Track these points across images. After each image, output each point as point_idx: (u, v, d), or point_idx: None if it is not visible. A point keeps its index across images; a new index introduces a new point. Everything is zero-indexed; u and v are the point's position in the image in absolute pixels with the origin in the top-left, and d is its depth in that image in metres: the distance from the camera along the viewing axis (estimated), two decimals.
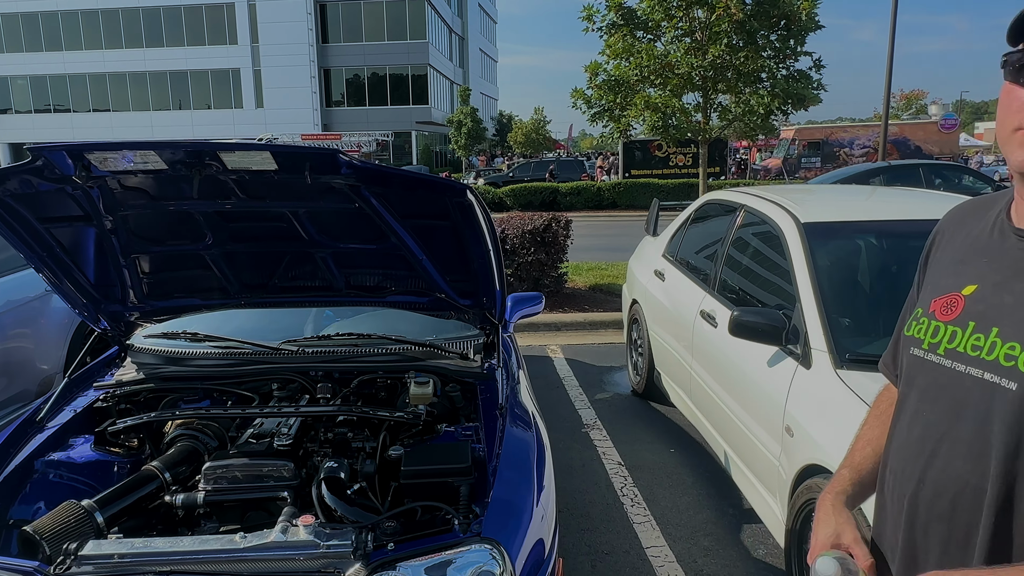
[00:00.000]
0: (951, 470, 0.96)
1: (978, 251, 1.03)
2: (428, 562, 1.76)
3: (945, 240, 1.13)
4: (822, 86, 9.19)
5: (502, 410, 2.40)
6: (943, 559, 0.97)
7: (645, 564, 2.96)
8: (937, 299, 1.04)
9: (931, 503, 0.98)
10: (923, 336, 1.04)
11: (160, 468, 2.15)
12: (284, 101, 40.67)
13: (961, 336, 0.98)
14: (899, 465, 1.05)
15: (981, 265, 1.01)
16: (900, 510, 1.03)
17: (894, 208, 3.75)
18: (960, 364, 0.97)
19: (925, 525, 0.99)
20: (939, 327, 1.01)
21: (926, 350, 1.03)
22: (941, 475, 0.97)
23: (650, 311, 4.69)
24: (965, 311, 0.99)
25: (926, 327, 1.04)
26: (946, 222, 1.16)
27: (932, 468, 0.98)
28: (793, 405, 2.65)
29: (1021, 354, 0.89)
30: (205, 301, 2.75)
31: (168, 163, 1.89)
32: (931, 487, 0.98)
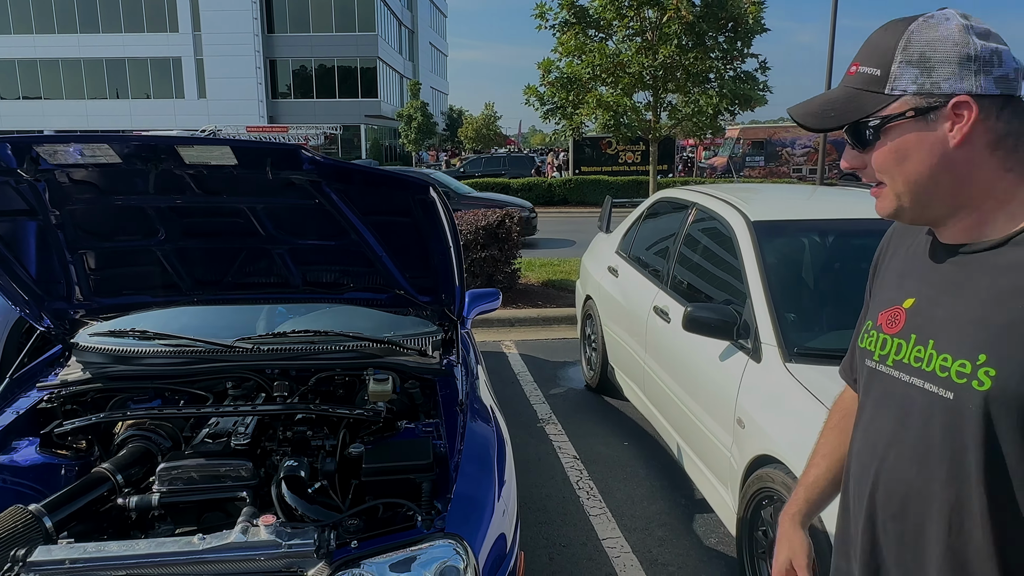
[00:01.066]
0: (898, 473, 1.02)
1: (915, 266, 1.09)
2: (392, 559, 1.76)
3: (890, 254, 1.19)
4: (768, 87, 9.46)
5: (462, 406, 2.41)
6: (899, 552, 1.03)
7: (601, 555, 3.02)
8: (883, 312, 1.10)
9: (885, 504, 1.04)
10: (874, 348, 1.09)
11: (111, 470, 2.08)
12: (228, 92, 39.59)
13: (906, 348, 1.03)
14: (857, 469, 1.12)
15: (917, 279, 1.07)
16: (861, 508, 1.09)
17: (839, 207, 3.89)
18: (905, 375, 1.02)
19: (883, 523, 1.05)
20: (886, 339, 1.07)
21: (877, 361, 1.09)
22: (890, 478, 1.03)
23: (604, 307, 4.76)
24: (907, 324, 1.04)
25: (875, 339, 1.09)
26: (890, 235, 1.22)
27: (883, 471, 1.04)
28: (744, 398, 2.73)
29: (953, 365, 0.95)
30: (156, 298, 2.68)
31: (122, 157, 1.84)
32: (883, 489, 1.04)
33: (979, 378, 0.91)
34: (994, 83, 0.93)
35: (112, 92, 41.32)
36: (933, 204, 1.00)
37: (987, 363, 0.91)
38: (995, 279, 0.95)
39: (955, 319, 0.97)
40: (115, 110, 40.17)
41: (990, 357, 0.91)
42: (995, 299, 0.94)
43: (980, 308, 0.95)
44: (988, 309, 0.94)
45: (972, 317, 0.95)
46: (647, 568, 2.94)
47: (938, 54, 0.94)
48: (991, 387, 0.90)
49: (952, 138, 0.94)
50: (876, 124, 0.98)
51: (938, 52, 0.94)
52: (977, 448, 0.92)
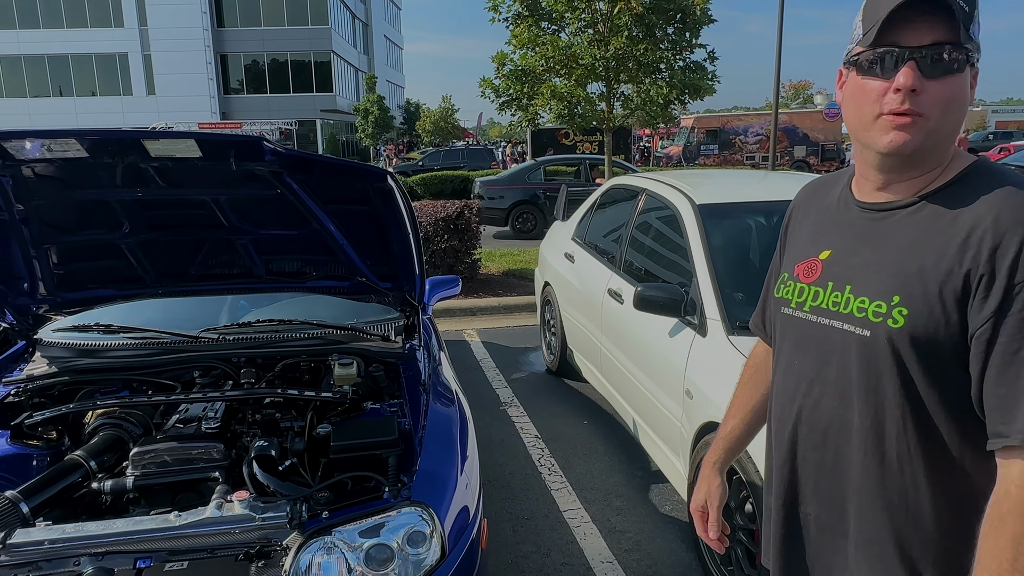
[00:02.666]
0: (822, 407, 1.14)
1: (829, 222, 1.21)
2: (362, 526, 1.86)
3: (800, 214, 1.31)
4: (716, 77, 9.72)
5: (425, 387, 2.52)
6: (818, 480, 1.16)
7: (563, 525, 3.17)
8: (799, 264, 1.21)
9: (806, 436, 1.16)
10: (791, 296, 1.21)
11: (84, 456, 2.14)
12: (178, 88, 38.66)
13: (823, 295, 1.15)
14: (778, 409, 1.24)
15: (833, 233, 1.18)
16: (783, 444, 1.21)
17: (780, 189, 4.09)
18: (824, 318, 1.14)
19: (803, 455, 1.17)
20: (804, 288, 1.18)
21: (794, 308, 1.20)
22: (813, 412, 1.15)
23: (561, 292, 4.90)
24: (824, 273, 1.16)
25: (792, 288, 1.21)
26: (799, 199, 1.35)
27: (805, 407, 1.16)
28: (692, 370, 2.90)
29: (870, 306, 1.07)
30: (120, 291, 2.72)
31: (89, 151, 1.89)
32: (805, 423, 1.16)
33: (893, 316, 1.04)
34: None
35: (55, 90, 40.01)
36: (935, 152, 1.07)
37: (900, 303, 1.04)
38: (909, 232, 1.07)
39: (871, 266, 1.09)
40: (59, 108, 38.89)
41: (903, 298, 1.04)
42: (908, 248, 1.06)
43: (895, 256, 1.07)
44: (902, 257, 1.06)
45: (887, 264, 1.07)
46: (606, 536, 3.10)
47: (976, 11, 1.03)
48: (904, 324, 1.03)
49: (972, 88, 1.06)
50: (962, 58, 1.02)
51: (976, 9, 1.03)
52: (892, 378, 1.05)
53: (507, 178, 13.53)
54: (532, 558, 2.93)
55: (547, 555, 2.96)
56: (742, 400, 1.50)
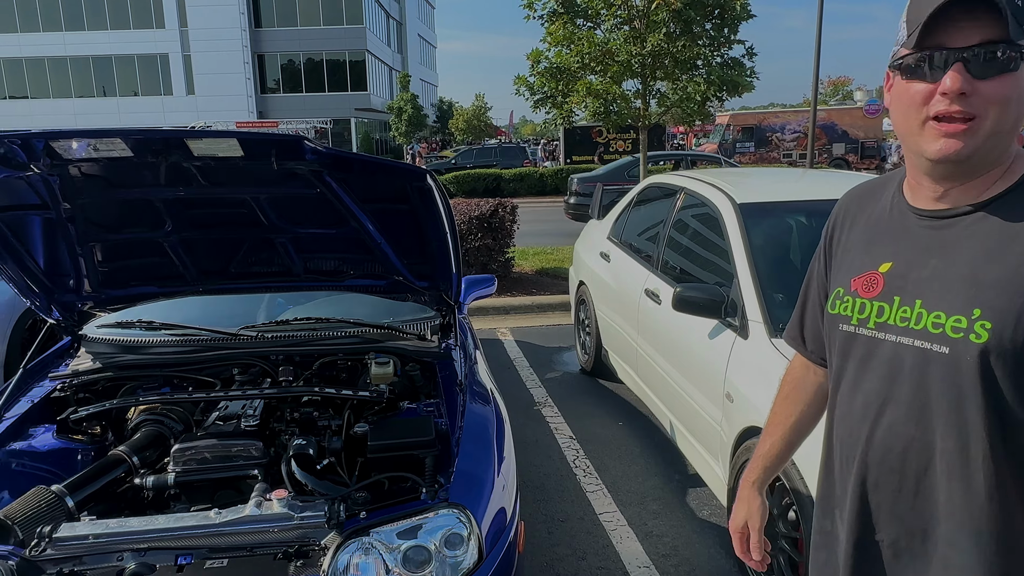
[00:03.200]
0: (896, 429, 1.07)
1: (884, 231, 1.14)
2: (400, 527, 1.85)
3: (847, 222, 1.23)
4: (755, 73, 9.54)
5: (461, 387, 2.50)
6: (895, 507, 1.09)
7: (598, 528, 3.13)
8: (856, 278, 1.14)
9: (881, 460, 1.09)
10: (850, 313, 1.13)
11: (127, 452, 2.17)
12: (217, 87, 39.37)
13: (889, 310, 1.08)
14: (844, 432, 1.16)
15: (891, 244, 1.12)
16: (849, 471, 1.14)
17: (824, 189, 3.99)
18: (892, 335, 1.07)
19: (877, 480, 1.10)
20: (864, 304, 1.11)
21: (856, 325, 1.12)
22: (887, 435, 1.08)
23: (597, 291, 4.86)
24: (887, 287, 1.09)
25: (851, 305, 1.13)
26: (844, 205, 1.27)
27: (878, 429, 1.09)
28: (732, 373, 2.84)
29: (947, 321, 1.00)
30: (162, 288, 2.76)
31: (134, 150, 1.92)
32: (879, 446, 1.09)
33: (975, 331, 0.98)
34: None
35: (99, 90, 41.04)
36: (993, 155, 1.03)
37: (982, 317, 0.98)
38: (981, 240, 1.01)
39: (943, 279, 1.03)
40: (103, 108, 39.89)
41: (985, 312, 0.98)
42: (984, 258, 1.00)
43: (970, 267, 1.01)
44: (978, 267, 1.00)
45: (962, 276, 1.01)
46: (642, 539, 3.05)
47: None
48: (988, 339, 0.97)
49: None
50: (1016, 56, 0.97)
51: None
52: (976, 397, 0.98)
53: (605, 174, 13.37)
54: (567, 561, 2.90)
55: (583, 558, 2.92)
56: (781, 416, 1.44)
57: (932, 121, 1.00)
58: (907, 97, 1.04)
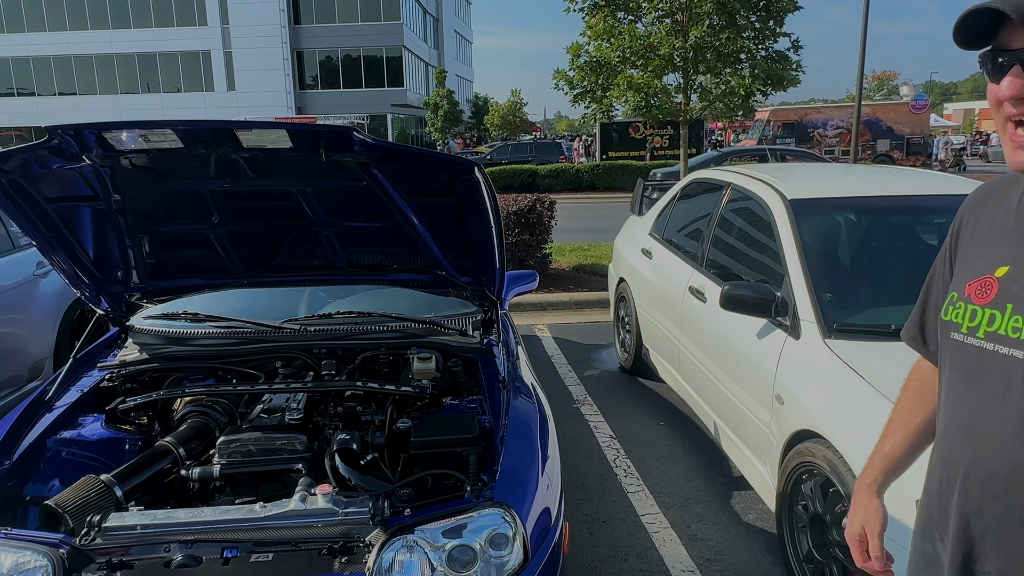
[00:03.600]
0: (1003, 451, 0.96)
1: (1006, 232, 1.04)
2: (444, 526, 1.82)
3: (972, 221, 1.14)
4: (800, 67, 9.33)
5: (504, 383, 2.47)
6: (1000, 535, 0.99)
7: (640, 530, 3.07)
8: (971, 283, 1.05)
9: (983, 485, 0.99)
10: (961, 320, 1.05)
11: (174, 443, 2.19)
12: (256, 83, 40.01)
13: (1000, 319, 0.98)
14: (947, 450, 1.07)
15: (1010, 246, 1.02)
16: (951, 493, 1.04)
17: (873, 184, 3.87)
18: (1003, 346, 0.97)
19: (979, 506, 1.00)
20: (976, 311, 1.02)
21: (965, 334, 1.04)
22: (992, 456, 0.98)
23: (638, 289, 4.78)
24: (1001, 293, 0.99)
25: (963, 311, 1.05)
26: (971, 203, 1.18)
27: (982, 450, 0.99)
28: (783, 374, 2.75)
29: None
30: (208, 281, 2.78)
31: (184, 142, 1.92)
32: (982, 468, 0.99)
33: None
34: None
35: (144, 87, 42.01)
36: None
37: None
38: None
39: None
40: (147, 104, 40.84)
41: None
42: None
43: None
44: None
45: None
46: (686, 543, 2.98)
47: None
48: None
49: None
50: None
51: None
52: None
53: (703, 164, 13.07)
54: (609, 562, 2.85)
55: (625, 560, 2.87)
56: (905, 417, 1.34)
57: (1011, 125, 0.95)
58: (990, 97, 0.98)
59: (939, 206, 3.53)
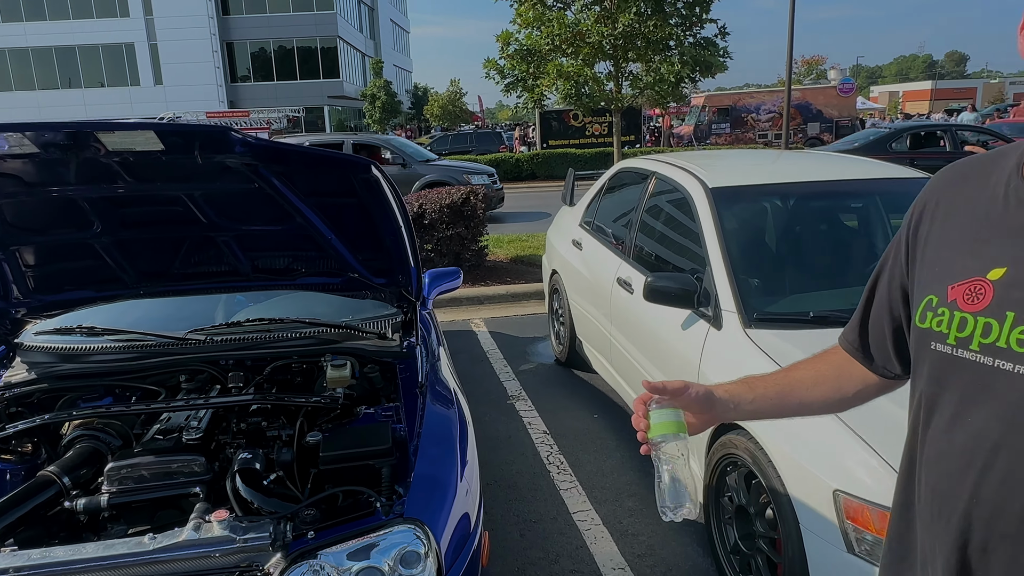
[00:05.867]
0: (1013, 483, 0.83)
1: (996, 225, 0.91)
2: (351, 547, 1.73)
3: (942, 211, 0.99)
4: (728, 53, 9.44)
5: (422, 388, 2.38)
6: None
7: (572, 529, 3.02)
8: (955, 285, 0.92)
9: (989, 522, 0.86)
10: (948, 330, 0.91)
11: (57, 472, 2.01)
12: (185, 77, 38.60)
13: (998, 329, 0.86)
14: (940, 479, 0.92)
15: (1005, 243, 0.89)
16: (948, 526, 0.91)
17: (796, 170, 3.89)
18: (1006, 362, 0.84)
19: (983, 545, 0.87)
20: (966, 319, 0.89)
21: (955, 345, 0.90)
22: (1001, 489, 0.84)
23: (569, 280, 4.73)
24: (997, 299, 0.87)
25: (948, 319, 0.91)
26: (936, 189, 1.03)
27: (987, 482, 0.86)
28: (706, 365, 2.73)
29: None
30: (99, 293, 2.59)
31: (40, 146, 1.74)
32: (988, 504, 0.86)
33: None
34: None
35: (64, 82, 40.06)
36: None
37: None
38: None
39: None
40: (68, 100, 38.95)
41: None
42: None
43: None
44: None
45: None
46: (618, 539, 2.95)
47: None
48: None
49: None
50: None
51: None
52: None
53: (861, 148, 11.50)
54: (540, 565, 2.79)
55: (555, 561, 2.81)
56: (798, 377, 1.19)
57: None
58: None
59: (860, 190, 3.58)
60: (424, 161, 13.00)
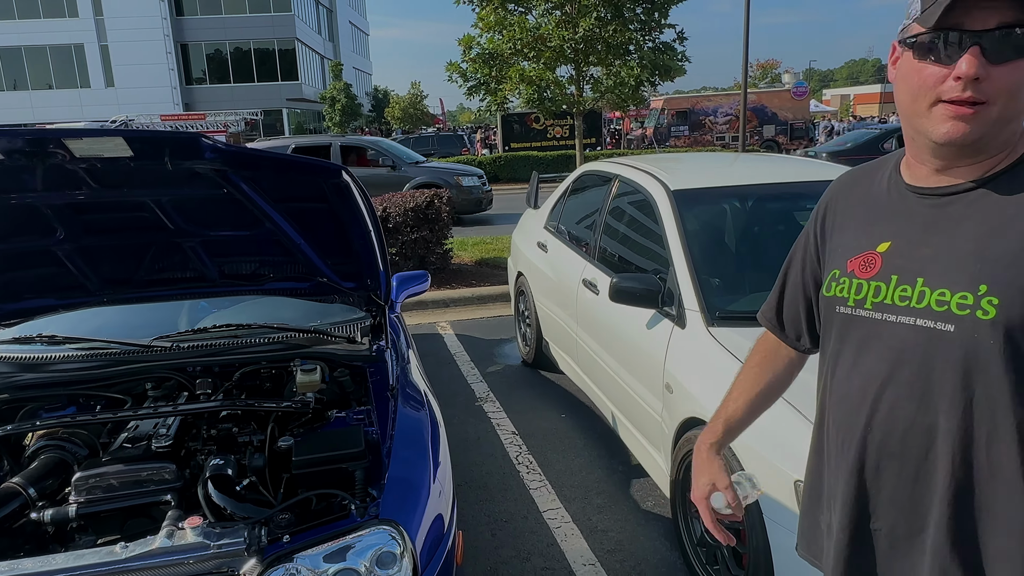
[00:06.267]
0: (898, 411, 1.04)
1: (882, 211, 1.12)
2: (326, 549, 1.74)
3: (842, 205, 1.22)
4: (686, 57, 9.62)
5: (393, 391, 2.39)
6: (896, 490, 1.06)
7: (542, 527, 3.07)
8: (853, 259, 1.12)
9: (881, 445, 1.06)
10: (847, 294, 1.11)
11: (22, 484, 1.97)
12: (138, 79, 37.69)
13: (886, 290, 1.06)
14: (841, 416, 1.13)
15: (889, 224, 1.10)
16: (847, 454, 1.11)
17: (757, 172, 4.01)
18: (891, 315, 1.05)
19: (876, 465, 1.07)
20: (862, 284, 1.09)
21: (853, 307, 1.11)
22: (888, 418, 1.05)
23: (535, 282, 4.79)
24: (884, 267, 1.07)
25: (848, 286, 1.12)
26: (837, 189, 1.26)
27: (878, 412, 1.06)
28: (671, 363, 2.81)
29: (952, 298, 0.99)
30: (61, 300, 2.54)
31: (4, 153, 1.72)
32: (879, 430, 1.06)
33: (982, 307, 0.96)
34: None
35: (10, 84, 38.78)
36: (1000, 138, 1.01)
37: (989, 293, 0.96)
38: (984, 216, 1.00)
39: (945, 255, 1.01)
40: (14, 103, 37.71)
41: (991, 287, 0.96)
42: (988, 233, 0.98)
43: (973, 243, 0.99)
44: (982, 243, 0.98)
45: (965, 252, 0.99)
46: (587, 536, 3.00)
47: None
48: (996, 315, 0.95)
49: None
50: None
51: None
52: (983, 374, 0.96)
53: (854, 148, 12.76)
54: (512, 563, 2.83)
55: (527, 559, 2.85)
56: (748, 383, 1.41)
57: (941, 103, 0.98)
58: (917, 78, 1.00)
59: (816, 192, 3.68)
60: (414, 163, 12.83)
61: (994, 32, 0.94)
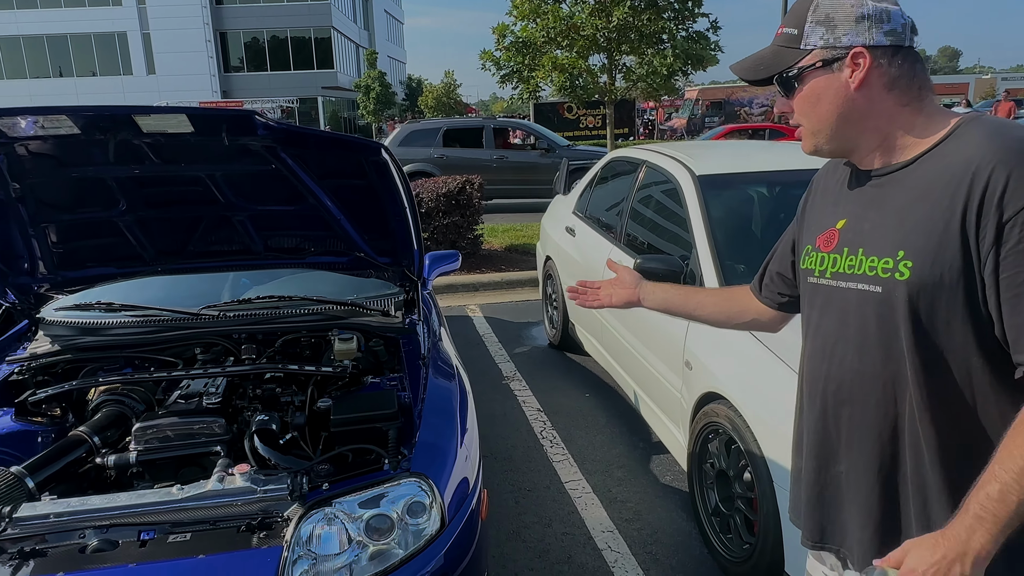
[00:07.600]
0: (845, 364, 1.22)
1: (842, 194, 1.30)
2: (362, 497, 1.88)
3: (819, 190, 1.40)
4: (719, 47, 9.60)
5: (424, 360, 2.53)
6: (849, 432, 1.23)
7: (564, 496, 3.20)
8: (820, 235, 1.31)
9: (835, 393, 1.24)
10: (814, 266, 1.30)
11: (88, 432, 2.17)
12: (178, 66, 38.45)
13: (840, 260, 1.23)
14: (809, 371, 1.32)
15: (847, 204, 1.27)
16: (815, 403, 1.29)
17: (783, 160, 4.06)
18: (842, 282, 1.23)
19: (834, 411, 1.25)
20: (824, 257, 1.28)
21: (818, 277, 1.29)
22: (839, 369, 1.23)
23: (563, 266, 4.90)
24: (840, 241, 1.25)
25: (815, 259, 1.30)
26: (818, 177, 1.44)
27: (832, 366, 1.25)
28: (691, 342, 2.91)
29: (879, 264, 1.16)
30: (120, 269, 2.73)
31: (80, 128, 1.89)
32: (834, 380, 1.24)
33: (900, 270, 1.12)
34: (884, 36, 1.14)
35: (55, 71, 39.85)
36: (845, 138, 1.21)
37: (905, 257, 1.12)
38: (906, 189, 1.16)
39: (878, 228, 1.18)
40: (60, 89, 38.74)
41: (907, 252, 1.12)
42: (908, 204, 1.14)
43: (897, 214, 1.16)
44: (903, 213, 1.14)
45: (891, 223, 1.16)
46: (607, 506, 3.13)
47: (839, 14, 1.16)
48: (909, 276, 1.11)
49: (852, 82, 1.16)
50: (794, 74, 1.19)
51: (839, 13, 1.16)
52: (905, 327, 1.12)
53: None
54: (534, 528, 2.97)
55: (548, 525, 2.99)
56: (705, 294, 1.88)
57: None
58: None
59: None
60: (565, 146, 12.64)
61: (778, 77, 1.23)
